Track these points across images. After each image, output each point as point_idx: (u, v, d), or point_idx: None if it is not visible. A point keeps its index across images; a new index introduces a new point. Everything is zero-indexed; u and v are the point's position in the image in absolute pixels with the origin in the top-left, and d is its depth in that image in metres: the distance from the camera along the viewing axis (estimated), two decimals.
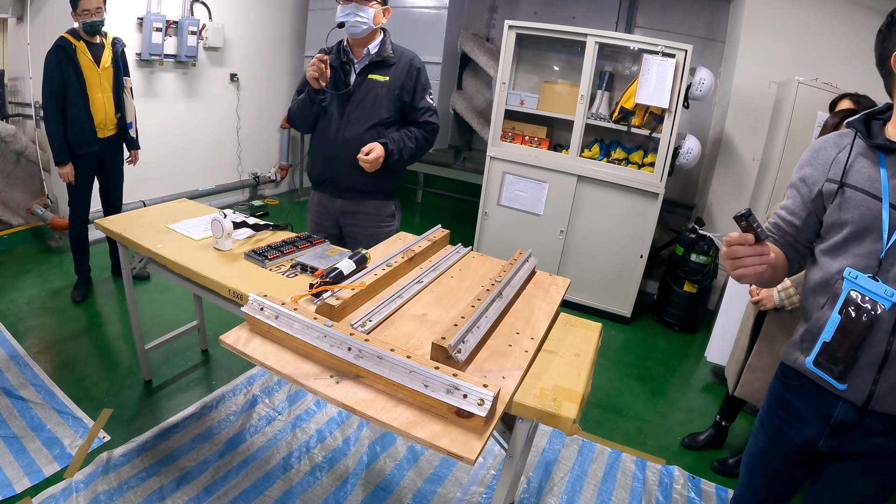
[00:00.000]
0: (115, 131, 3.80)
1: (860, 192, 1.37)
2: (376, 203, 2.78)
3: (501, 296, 1.85)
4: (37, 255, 4.46)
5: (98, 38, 3.58)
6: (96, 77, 3.58)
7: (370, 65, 2.63)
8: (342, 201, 2.77)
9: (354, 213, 2.78)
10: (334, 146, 2.64)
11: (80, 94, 3.52)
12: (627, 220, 4.30)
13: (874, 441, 1.41)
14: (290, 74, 6.70)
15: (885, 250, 1.31)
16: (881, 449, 1.42)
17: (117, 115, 3.75)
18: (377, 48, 2.63)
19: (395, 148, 2.58)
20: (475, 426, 1.27)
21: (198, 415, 2.83)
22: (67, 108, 3.51)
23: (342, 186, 2.72)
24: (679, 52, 3.96)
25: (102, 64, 3.60)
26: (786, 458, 1.60)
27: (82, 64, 3.50)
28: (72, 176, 3.63)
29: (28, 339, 3.30)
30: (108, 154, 3.82)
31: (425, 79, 2.71)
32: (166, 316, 3.72)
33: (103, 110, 3.66)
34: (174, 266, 2.23)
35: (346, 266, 1.86)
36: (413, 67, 2.66)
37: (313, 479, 2.53)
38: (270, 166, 6.74)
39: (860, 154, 1.40)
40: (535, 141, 4.60)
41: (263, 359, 1.47)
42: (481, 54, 5.47)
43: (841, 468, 1.50)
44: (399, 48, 2.70)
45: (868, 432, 1.41)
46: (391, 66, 2.64)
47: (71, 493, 2.26)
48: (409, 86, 2.64)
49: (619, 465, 2.84)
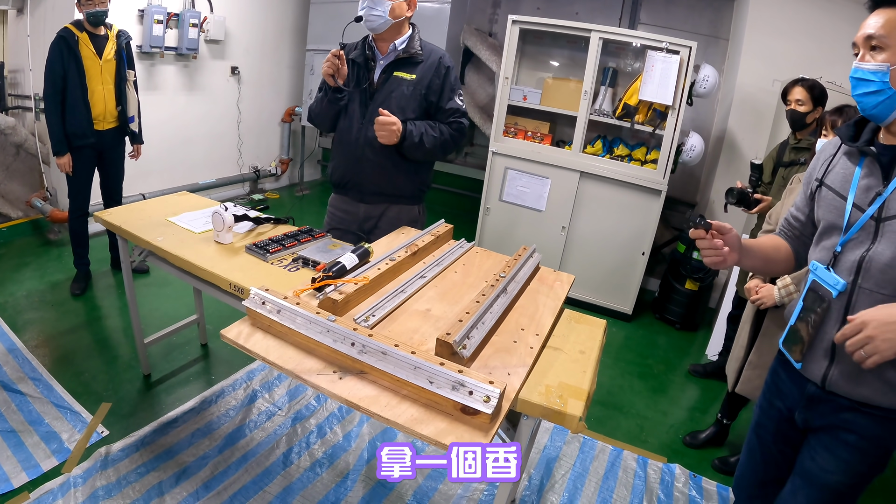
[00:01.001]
0: (116, 124, 3.77)
1: (832, 191, 1.49)
2: (400, 208, 2.67)
3: (506, 291, 1.83)
4: (36, 248, 4.44)
5: (102, 30, 3.56)
6: (97, 69, 3.55)
7: (396, 61, 2.49)
8: (366, 206, 2.66)
9: (378, 218, 2.68)
10: (356, 147, 2.53)
11: (80, 85, 3.49)
12: (630, 217, 4.28)
13: (843, 415, 1.48)
14: (292, 68, 6.68)
15: (840, 244, 1.42)
16: (848, 423, 1.47)
17: (118, 108, 3.72)
18: (404, 44, 2.49)
19: (414, 130, 2.43)
20: (480, 423, 1.25)
21: (197, 409, 2.81)
22: (67, 100, 3.48)
23: (366, 190, 2.61)
24: (683, 49, 3.93)
25: (105, 56, 3.57)
26: (776, 431, 1.70)
27: (84, 55, 3.47)
28: (69, 167, 3.61)
29: (26, 332, 3.28)
30: (107, 147, 3.79)
31: (455, 79, 2.55)
32: (166, 310, 3.70)
33: (102, 102, 3.63)
34: (174, 259, 2.20)
35: (348, 260, 1.84)
36: (442, 66, 2.51)
37: (313, 475, 2.51)
38: (271, 160, 6.71)
39: (846, 155, 1.50)
40: (537, 136, 4.58)
41: (265, 354, 1.45)
42: (484, 49, 5.45)
43: (812, 441, 1.58)
44: (429, 45, 2.56)
45: (836, 407, 1.49)
46: (419, 64, 2.50)
47: (69, 488, 2.24)
48: (436, 85, 2.50)
49: (621, 463, 2.83)
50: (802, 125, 3.10)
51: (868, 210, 1.37)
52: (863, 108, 1.38)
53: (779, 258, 1.67)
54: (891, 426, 1.43)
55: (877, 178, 1.39)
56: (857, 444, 1.47)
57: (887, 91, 1.31)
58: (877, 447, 1.47)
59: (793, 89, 3.09)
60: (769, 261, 1.66)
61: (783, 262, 1.68)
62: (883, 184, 1.37)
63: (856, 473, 1.51)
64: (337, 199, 2.76)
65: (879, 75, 1.31)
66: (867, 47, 1.34)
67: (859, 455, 1.48)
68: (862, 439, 1.46)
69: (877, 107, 1.34)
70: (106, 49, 3.57)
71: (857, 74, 1.35)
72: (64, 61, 3.41)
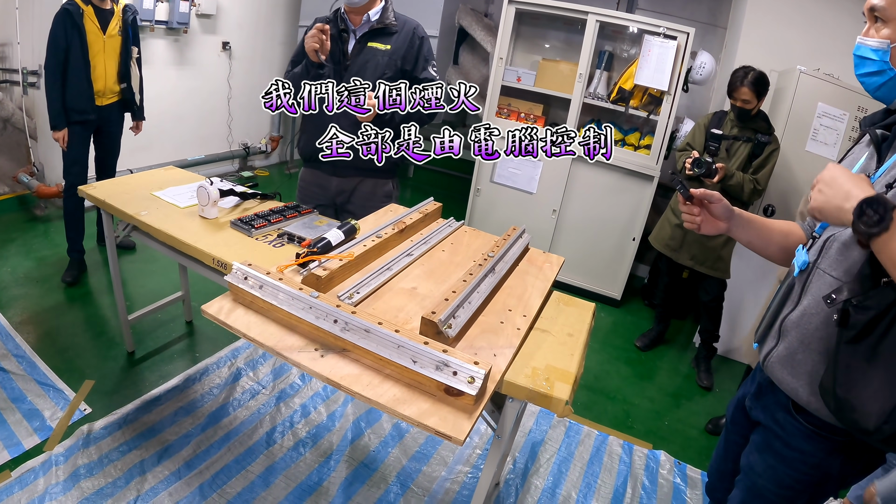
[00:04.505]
0: (117, 99, 3.69)
1: None
2: (374, 181, 2.67)
3: (494, 271, 1.80)
4: (21, 224, 4.36)
5: (108, 4, 3.45)
6: (100, 44, 3.46)
7: (370, 32, 2.49)
8: (338, 180, 2.66)
9: (351, 192, 2.67)
10: (328, 118, 2.48)
11: (82, 60, 3.40)
12: (621, 202, 4.26)
13: (777, 415, 1.42)
14: (284, 45, 6.57)
15: (820, 226, 1.35)
16: (779, 425, 1.41)
17: (122, 84, 3.64)
18: (378, 15, 2.50)
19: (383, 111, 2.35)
20: (464, 405, 1.23)
21: (181, 387, 2.78)
22: (68, 74, 3.39)
23: (338, 163, 2.51)
24: (681, 35, 3.90)
25: (109, 31, 3.48)
26: (732, 417, 1.67)
27: (87, 30, 3.37)
28: (65, 142, 3.51)
29: (10, 309, 3.23)
30: (105, 121, 3.70)
31: (428, 49, 2.57)
32: (151, 286, 3.66)
33: (104, 78, 3.54)
34: (158, 234, 2.16)
35: (334, 236, 1.80)
36: (416, 36, 2.53)
37: (297, 454, 2.49)
38: (261, 137, 6.64)
39: (864, 145, 1.40)
40: (530, 118, 4.54)
41: (246, 330, 1.42)
42: (479, 29, 5.39)
43: (752, 436, 1.54)
44: (402, 16, 2.56)
45: (776, 403, 1.42)
46: (393, 35, 2.50)
47: (51, 466, 2.21)
48: (410, 56, 2.52)
49: (606, 449, 2.82)
50: (748, 118, 3.30)
51: None
52: (867, 89, 1.31)
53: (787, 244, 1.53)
54: (820, 444, 1.34)
55: (874, 162, 1.32)
56: (782, 451, 1.40)
57: (889, 72, 1.25)
58: (806, 464, 1.37)
59: (740, 89, 3.20)
60: (770, 242, 1.56)
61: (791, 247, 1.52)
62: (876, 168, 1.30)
63: (783, 485, 1.42)
64: (308, 173, 2.73)
65: (880, 54, 1.24)
66: (872, 19, 1.27)
67: (785, 466, 1.40)
68: (788, 448, 1.39)
69: (880, 88, 1.28)
70: (111, 24, 3.48)
71: (858, 52, 1.29)
72: (67, 35, 3.31)
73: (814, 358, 1.29)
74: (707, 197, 1.47)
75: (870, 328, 1.12)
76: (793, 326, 1.34)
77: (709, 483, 1.85)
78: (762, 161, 3.24)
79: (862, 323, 1.13)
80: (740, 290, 3.81)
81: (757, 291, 3.78)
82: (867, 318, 1.12)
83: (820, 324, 1.28)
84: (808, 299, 1.31)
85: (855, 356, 1.14)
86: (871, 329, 1.12)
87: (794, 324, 1.34)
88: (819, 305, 1.27)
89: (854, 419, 1.13)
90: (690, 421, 3.21)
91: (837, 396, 1.16)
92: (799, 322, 1.32)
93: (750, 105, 3.21)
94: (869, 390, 1.12)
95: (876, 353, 1.12)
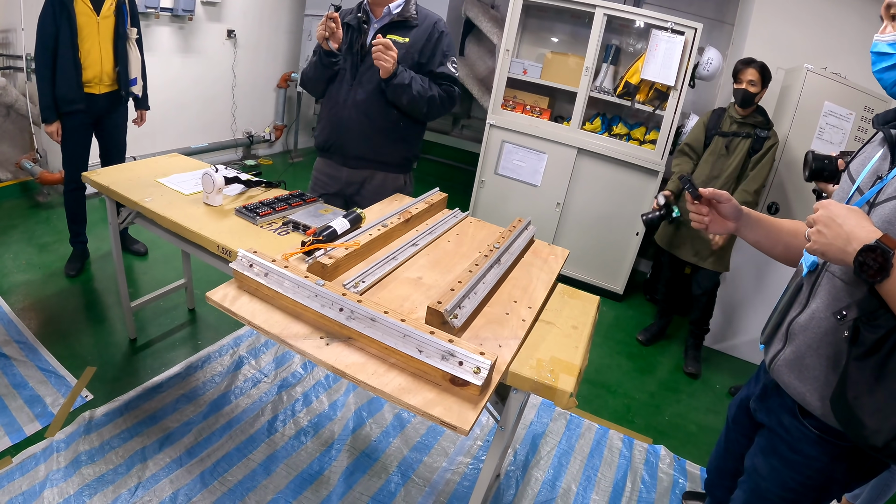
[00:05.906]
0: (113, 87, 3.45)
1: (848, 175, 1.41)
2: (385, 175, 2.64)
3: (499, 262, 1.80)
4: (24, 211, 4.35)
5: None
6: (93, 26, 3.23)
7: (390, 24, 2.47)
8: (349, 171, 2.63)
9: (361, 184, 2.65)
10: (343, 108, 2.50)
11: (70, 45, 3.17)
12: (625, 197, 4.24)
13: (783, 418, 1.42)
14: (290, 33, 6.54)
15: None
16: (784, 429, 1.41)
17: (116, 68, 3.41)
18: (399, 7, 2.47)
19: (406, 72, 2.36)
20: (470, 395, 1.23)
21: (182, 375, 2.78)
22: (57, 62, 3.18)
23: (349, 154, 2.57)
24: (688, 30, 3.88)
25: (103, 13, 3.25)
26: (735, 416, 1.68)
27: (79, 11, 3.15)
28: (58, 135, 3.32)
29: (13, 295, 3.23)
30: (104, 112, 3.48)
31: (448, 44, 2.53)
32: (154, 273, 3.66)
33: (98, 63, 3.31)
34: (162, 221, 2.15)
35: (340, 225, 1.80)
36: (436, 31, 2.50)
37: (298, 443, 2.49)
38: (265, 126, 6.62)
39: (877, 144, 1.37)
40: (536, 111, 4.52)
41: (251, 317, 1.42)
42: (485, 21, 5.36)
43: (757, 437, 1.54)
44: (424, 10, 2.54)
45: (781, 406, 1.42)
46: (413, 28, 2.48)
47: (52, 452, 2.21)
48: (429, 49, 2.48)
49: (606, 442, 2.83)
50: (751, 104, 3.28)
51: (867, 194, 1.27)
52: (884, 86, 1.28)
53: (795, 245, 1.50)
54: (825, 449, 1.34)
55: (887, 162, 1.29)
56: (787, 455, 1.40)
57: None
58: (811, 468, 1.37)
59: (746, 70, 3.21)
60: (777, 243, 1.53)
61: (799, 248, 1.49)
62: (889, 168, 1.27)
63: (787, 488, 1.42)
64: (321, 163, 2.73)
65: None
66: (889, 17, 1.25)
67: (789, 469, 1.40)
68: (793, 452, 1.39)
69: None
70: (105, 4, 3.25)
71: (875, 48, 1.26)
72: (56, 19, 3.11)
73: (822, 363, 1.28)
74: (716, 196, 1.46)
75: (879, 345, 1.12)
76: (801, 330, 1.33)
77: (708, 480, 1.85)
78: (761, 156, 3.25)
79: (872, 340, 1.13)
80: (737, 285, 3.81)
81: (754, 286, 3.79)
82: (877, 336, 1.12)
83: (829, 328, 1.27)
84: (817, 302, 1.30)
85: (864, 372, 1.14)
86: (880, 346, 1.12)
87: (802, 327, 1.33)
88: (828, 309, 1.27)
89: (864, 435, 1.13)
90: (690, 416, 3.21)
91: (847, 412, 1.16)
92: (807, 326, 1.32)
93: (755, 89, 3.20)
94: (878, 406, 1.12)
95: (885, 370, 1.12)
